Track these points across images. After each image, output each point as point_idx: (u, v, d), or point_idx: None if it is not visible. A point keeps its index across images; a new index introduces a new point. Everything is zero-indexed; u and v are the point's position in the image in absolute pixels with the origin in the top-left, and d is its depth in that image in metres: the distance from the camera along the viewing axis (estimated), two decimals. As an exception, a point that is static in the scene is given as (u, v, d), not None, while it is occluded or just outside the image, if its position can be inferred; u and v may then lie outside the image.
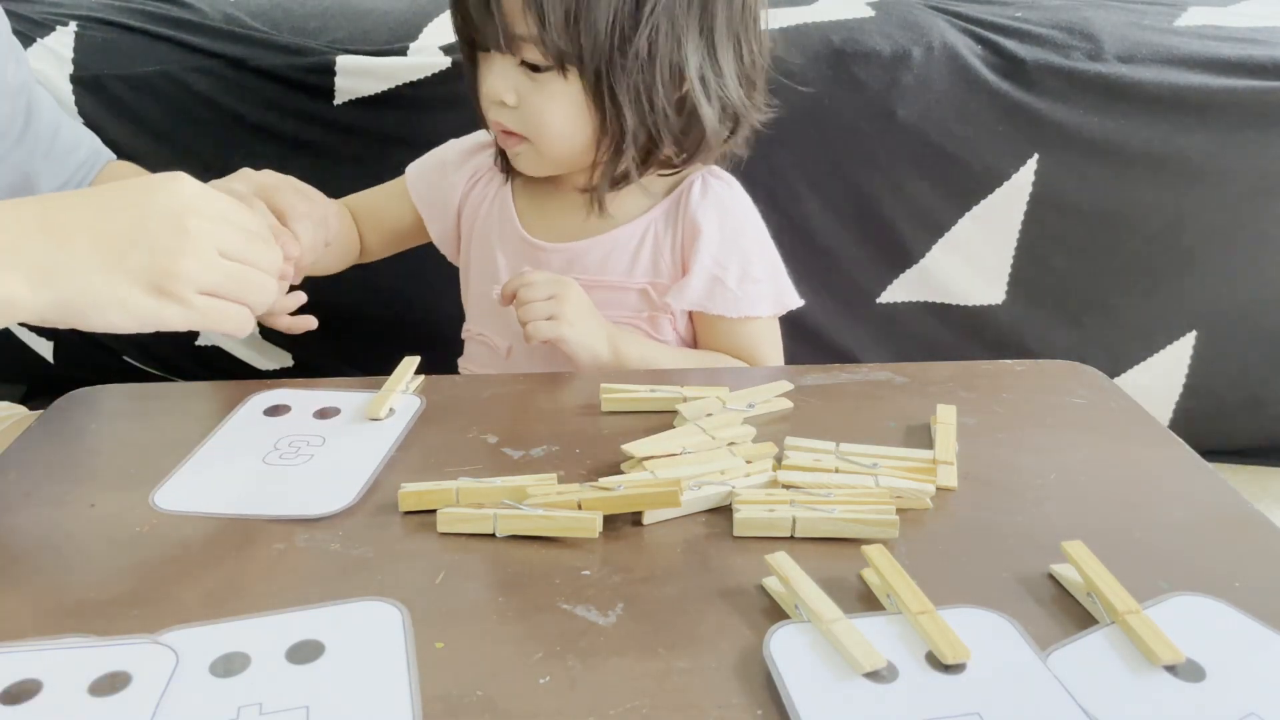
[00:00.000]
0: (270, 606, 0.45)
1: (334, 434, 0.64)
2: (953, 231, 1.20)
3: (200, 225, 0.56)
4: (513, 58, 0.76)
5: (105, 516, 0.54)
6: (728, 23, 0.77)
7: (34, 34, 1.20)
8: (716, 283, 0.84)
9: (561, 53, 0.73)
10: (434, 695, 0.40)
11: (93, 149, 0.96)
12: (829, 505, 0.52)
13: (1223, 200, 1.18)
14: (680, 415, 0.63)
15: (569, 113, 0.77)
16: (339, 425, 0.65)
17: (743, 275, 0.84)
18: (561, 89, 0.76)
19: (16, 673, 0.41)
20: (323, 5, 1.23)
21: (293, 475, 0.59)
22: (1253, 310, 1.24)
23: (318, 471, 0.59)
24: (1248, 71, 1.12)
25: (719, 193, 0.86)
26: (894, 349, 1.26)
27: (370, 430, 0.64)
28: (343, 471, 0.59)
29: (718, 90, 0.78)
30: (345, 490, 0.57)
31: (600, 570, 0.49)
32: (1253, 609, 0.46)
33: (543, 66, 0.75)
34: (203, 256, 0.56)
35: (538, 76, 0.76)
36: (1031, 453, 0.61)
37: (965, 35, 1.15)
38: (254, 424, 0.65)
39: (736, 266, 0.84)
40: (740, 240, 0.85)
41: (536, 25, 0.72)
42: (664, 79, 0.76)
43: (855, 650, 0.41)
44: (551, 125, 0.78)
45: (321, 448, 0.62)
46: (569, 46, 0.73)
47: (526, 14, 0.72)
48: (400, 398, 0.67)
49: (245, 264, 0.58)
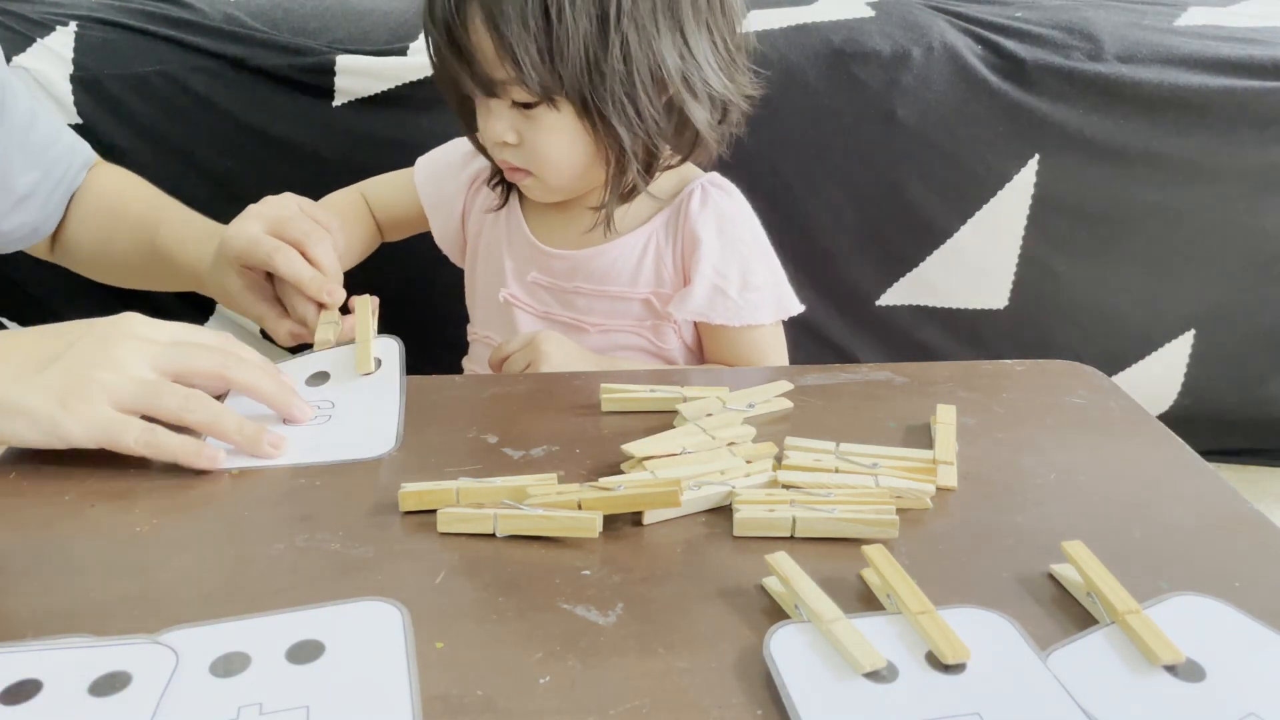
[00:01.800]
0: (270, 606, 0.45)
1: (338, 396, 0.66)
2: (955, 238, 1.20)
3: (129, 344, 0.55)
4: (502, 100, 0.77)
5: (105, 516, 0.54)
6: (694, 14, 0.77)
7: (34, 34, 1.20)
8: (717, 292, 0.84)
9: (545, 87, 0.74)
10: (434, 695, 0.40)
11: (70, 146, 0.94)
12: (829, 505, 0.52)
13: (1222, 199, 1.18)
14: (680, 415, 0.63)
15: (566, 140, 0.78)
16: (337, 388, 0.67)
17: (744, 284, 0.84)
18: (555, 120, 0.77)
19: (16, 673, 0.41)
20: (323, 5, 1.23)
21: (321, 433, 0.61)
22: (1252, 309, 1.24)
23: (344, 427, 0.62)
24: (1248, 71, 1.12)
25: (718, 202, 0.86)
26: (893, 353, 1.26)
27: (369, 384, 0.66)
28: (369, 422, 0.62)
29: (702, 84, 0.78)
30: (383, 437, 0.60)
31: (600, 570, 0.49)
32: (1253, 609, 0.46)
33: (532, 103, 0.76)
34: (123, 369, 0.55)
35: (530, 113, 0.77)
36: (1031, 453, 0.61)
37: (965, 35, 1.15)
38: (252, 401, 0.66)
39: (737, 275, 0.84)
40: (740, 248, 0.85)
41: (514, 69, 0.73)
42: (646, 86, 0.76)
43: (855, 650, 0.41)
44: (553, 157, 0.79)
45: (334, 410, 0.64)
46: (550, 81, 0.74)
47: (502, 61, 0.73)
48: (379, 344, 0.69)
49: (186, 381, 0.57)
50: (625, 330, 0.87)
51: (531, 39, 0.72)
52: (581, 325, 0.88)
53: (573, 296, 0.87)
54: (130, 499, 0.55)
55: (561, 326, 0.88)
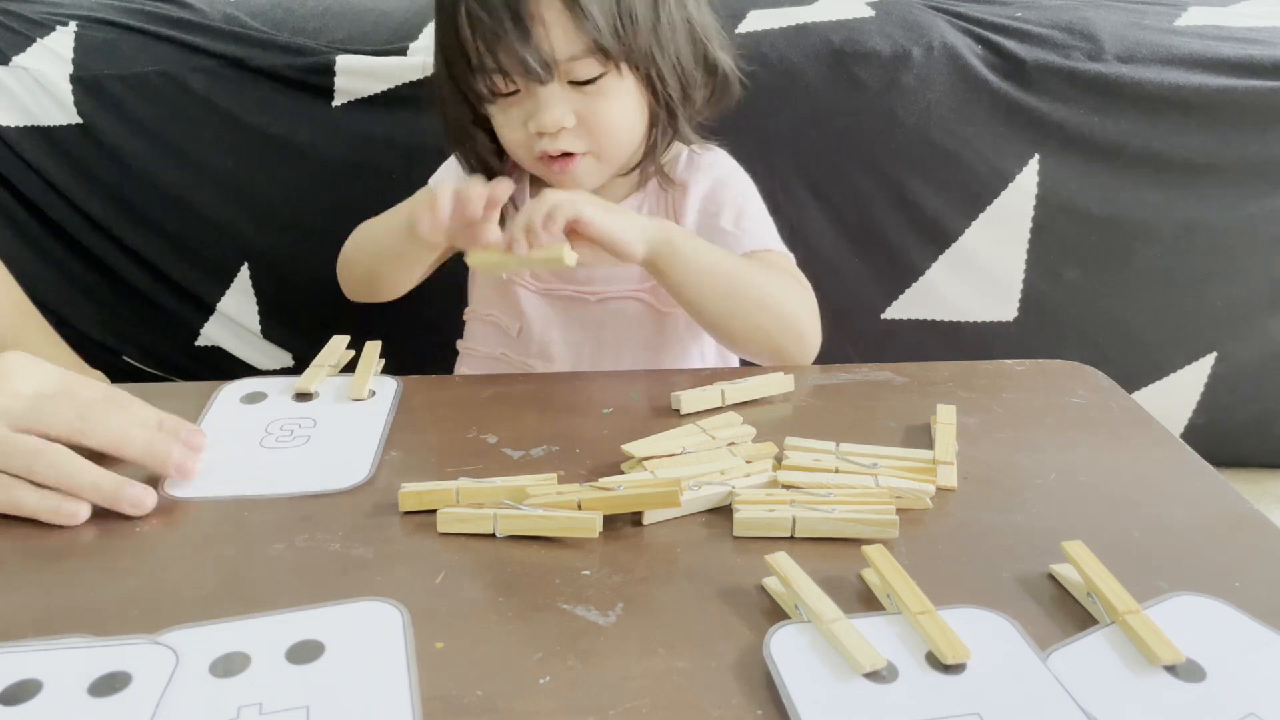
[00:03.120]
0: (270, 606, 0.45)
1: (321, 416, 0.64)
2: (961, 241, 1.19)
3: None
4: (557, 82, 0.76)
5: (105, 516, 0.54)
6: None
7: (34, 34, 1.20)
8: (713, 229, 0.83)
9: (620, 54, 0.75)
10: (434, 695, 0.40)
11: None
12: (829, 505, 0.52)
13: (1222, 201, 1.18)
14: (676, 397, 0.64)
15: (630, 107, 0.79)
16: (322, 408, 0.65)
17: (739, 216, 0.84)
18: (619, 88, 0.78)
19: (16, 673, 0.41)
20: (323, 5, 1.23)
21: (294, 457, 0.60)
22: (1270, 323, 1.23)
23: (320, 451, 0.60)
24: (1248, 71, 1.12)
25: (704, 157, 0.87)
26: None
27: (357, 410, 0.65)
28: (346, 449, 0.60)
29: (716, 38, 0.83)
30: (357, 466, 0.58)
31: (600, 570, 0.49)
32: (1253, 609, 0.46)
33: (594, 77, 0.76)
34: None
35: (591, 88, 0.77)
36: (1031, 453, 0.61)
37: (965, 35, 1.15)
38: (236, 413, 0.65)
39: (731, 210, 0.84)
40: (729, 190, 0.85)
41: (592, 37, 0.73)
42: (685, 43, 0.79)
43: (855, 650, 0.41)
44: (619, 127, 0.79)
45: (315, 429, 0.63)
46: (620, 47, 0.75)
47: (579, 31, 0.73)
48: (379, 381, 0.69)
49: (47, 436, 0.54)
50: (626, 296, 0.86)
51: (610, 4, 0.73)
52: (582, 296, 0.88)
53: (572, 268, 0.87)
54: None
55: (564, 300, 0.88)
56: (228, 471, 0.58)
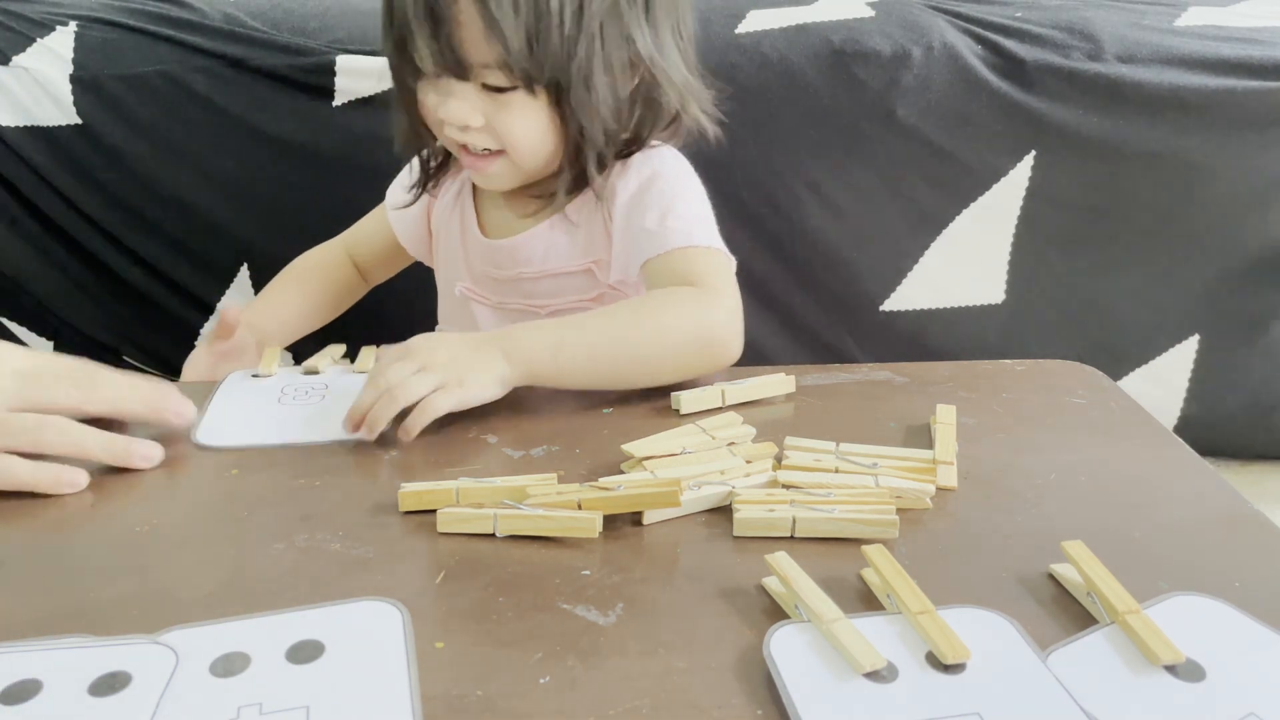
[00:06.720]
0: (270, 606, 0.45)
1: (333, 383, 0.68)
2: (950, 230, 1.20)
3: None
4: (470, 83, 0.75)
5: (105, 516, 0.54)
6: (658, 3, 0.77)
7: (34, 34, 1.20)
8: (639, 231, 0.80)
9: (527, 74, 0.73)
10: (434, 695, 0.40)
11: None
12: (829, 505, 0.52)
13: (1221, 201, 1.18)
14: (676, 397, 0.64)
15: (538, 125, 0.77)
16: (332, 378, 0.69)
17: (664, 214, 0.80)
18: (529, 105, 0.76)
19: (16, 673, 0.41)
20: (323, 5, 1.23)
21: (312, 411, 0.63)
22: (1257, 313, 1.24)
23: (338, 405, 0.63)
24: (1248, 71, 1.12)
25: (639, 161, 0.83)
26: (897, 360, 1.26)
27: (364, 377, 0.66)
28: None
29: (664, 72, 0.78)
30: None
31: (600, 570, 0.49)
32: (1253, 609, 0.46)
33: (505, 88, 0.75)
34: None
35: (501, 97, 0.75)
36: (1031, 453, 0.61)
37: (965, 35, 1.15)
38: (248, 385, 0.68)
39: (656, 210, 0.80)
40: (655, 188, 0.82)
41: (500, 52, 0.72)
42: (618, 74, 0.76)
43: (855, 650, 0.41)
44: (523, 141, 0.78)
45: (328, 391, 0.66)
46: (532, 67, 0.73)
47: (489, 42, 0.72)
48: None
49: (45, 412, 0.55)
50: (574, 307, 0.85)
51: (521, 22, 0.71)
52: (533, 309, 0.87)
53: (518, 282, 0.87)
54: (130, 499, 0.55)
55: (516, 315, 0.87)
56: (252, 423, 0.62)
